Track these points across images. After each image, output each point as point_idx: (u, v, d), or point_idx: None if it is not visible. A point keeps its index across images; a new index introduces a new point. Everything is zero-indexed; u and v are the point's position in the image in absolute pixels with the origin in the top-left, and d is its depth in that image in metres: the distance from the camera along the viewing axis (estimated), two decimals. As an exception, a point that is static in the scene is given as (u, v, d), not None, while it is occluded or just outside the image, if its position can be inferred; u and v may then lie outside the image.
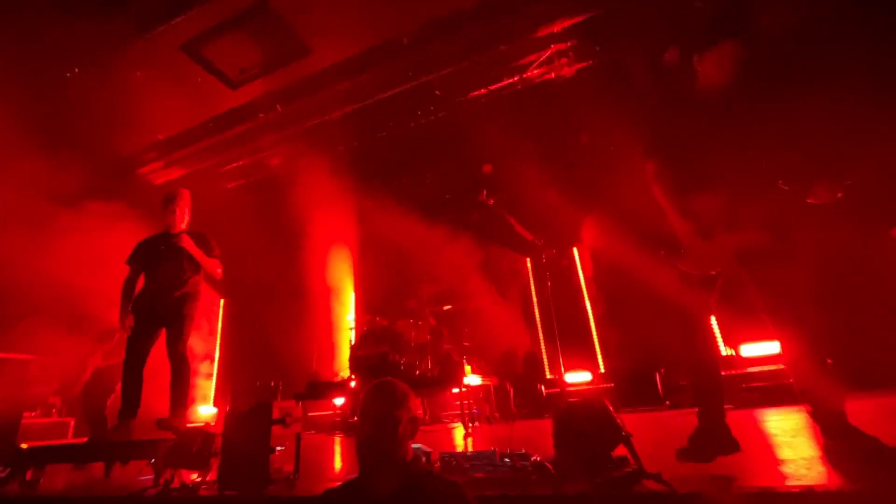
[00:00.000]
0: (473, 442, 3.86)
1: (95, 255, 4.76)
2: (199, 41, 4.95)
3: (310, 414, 6.59)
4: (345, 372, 5.71)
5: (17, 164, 5.00)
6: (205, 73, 5.24)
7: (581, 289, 5.81)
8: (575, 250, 5.94)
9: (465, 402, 4.52)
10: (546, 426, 4.38)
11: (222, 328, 7.50)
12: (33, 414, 5.76)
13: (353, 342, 5.81)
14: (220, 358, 7.39)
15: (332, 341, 6.87)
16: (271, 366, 6.71)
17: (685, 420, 3.70)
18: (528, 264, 6.17)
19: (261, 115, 5.89)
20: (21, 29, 4.65)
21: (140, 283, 3.55)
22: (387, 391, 1.46)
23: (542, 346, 5.91)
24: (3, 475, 3.23)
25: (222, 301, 7.60)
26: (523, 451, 2.38)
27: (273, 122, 6.07)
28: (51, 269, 5.05)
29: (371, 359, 5.36)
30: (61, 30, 4.73)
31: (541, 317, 6.02)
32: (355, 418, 5.85)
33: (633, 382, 4.94)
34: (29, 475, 3.20)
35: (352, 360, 5.63)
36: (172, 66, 5.19)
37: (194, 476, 2.57)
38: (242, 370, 7.14)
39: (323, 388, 5.51)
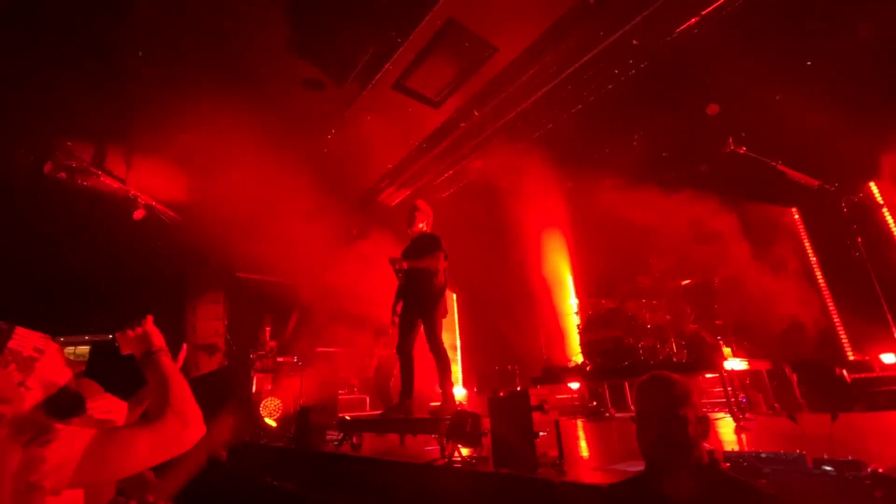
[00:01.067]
0: (751, 438, 3.28)
1: (366, 271, 6.07)
2: (405, 76, 5.70)
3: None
4: (577, 357, 5.67)
5: (305, 204, 6.77)
6: (413, 101, 6.01)
7: (893, 238, 4.18)
8: (873, 187, 4.31)
9: (729, 389, 3.88)
10: (866, 423, 3.35)
11: (459, 319, 8.49)
12: (342, 392, 7.72)
13: (579, 327, 5.73)
14: (461, 345, 8.39)
15: (560, 327, 6.92)
16: (505, 351, 7.21)
17: None
18: (797, 216, 4.81)
19: (461, 124, 6.39)
20: (290, 108, 6.25)
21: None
22: (665, 387, 1.33)
23: (838, 320, 4.53)
24: (338, 438, 4.42)
25: (455, 295, 8.61)
26: (850, 457, 1.85)
27: (472, 128, 6.50)
28: (341, 284, 6.74)
29: (603, 343, 5.16)
30: (315, 101, 6.17)
31: (831, 281, 4.60)
32: (594, 403, 5.77)
33: None
34: (355, 439, 4.27)
35: (582, 345, 5.54)
36: (389, 104, 6.13)
37: (466, 451, 2.96)
38: (481, 355, 7.92)
39: (558, 372, 5.61)
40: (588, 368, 5.28)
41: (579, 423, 5.19)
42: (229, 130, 5.99)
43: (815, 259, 4.84)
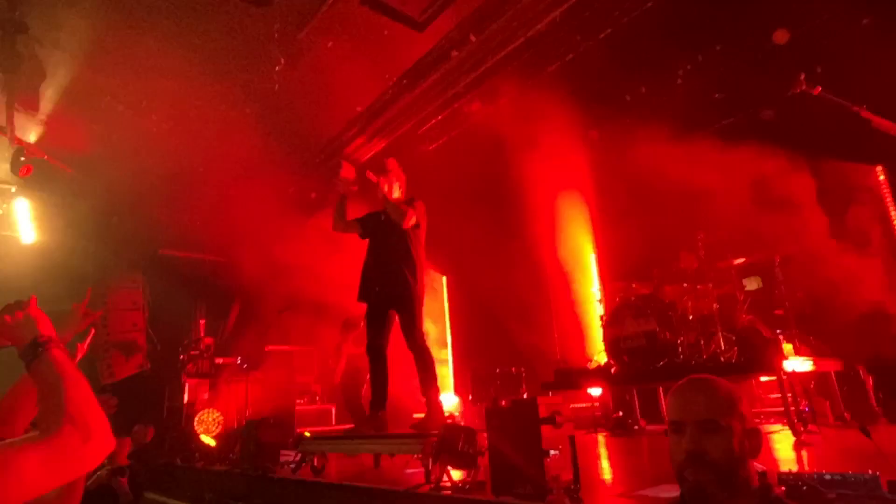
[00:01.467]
0: (813, 455, 3.40)
1: (331, 246, 6.04)
2: (379, -13, 5.53)
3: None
4: (600, 356, 5.77)
5: (247, 160, 6.67)
6: (390, 22, 5.84)
7: None
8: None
9: (789, 395, 3.99)
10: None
11: (449, 308, 8.55)
12: (301, 401, 7.81)
13: (603, 319, 5.81)
14: (452, 341, 8.47)
15: (578, 318, 7.02)
16: (508, 349, 7.31)
17: None
18: (882, 177, 4.82)
19: (454, 52, 6.26)
20: (228, 31, 6.06)
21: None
22: (705, 393, 1.36)
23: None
24: (295, 460, 4.48)
25: (444, 278, 8.64)
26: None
27: (467, 59, 6.38)
28: (297, 263, 6.71)
29: (633, 339, 5.25)
30: (259, 25, 5.98)
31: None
32: (619, 413, 5.91)
33: None
34: (316, 461, 4.34)
35: (606, 341, 5.63)
36: (356, 24, 5.96)
37: (458, 474, 3.03)
38: (478, 355, 8.01)
39: (575, 376, 5.72)
40: (613, 371, 5.38)
41: (601, 438, 5.32)
42: (145, 59, 5.81)
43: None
